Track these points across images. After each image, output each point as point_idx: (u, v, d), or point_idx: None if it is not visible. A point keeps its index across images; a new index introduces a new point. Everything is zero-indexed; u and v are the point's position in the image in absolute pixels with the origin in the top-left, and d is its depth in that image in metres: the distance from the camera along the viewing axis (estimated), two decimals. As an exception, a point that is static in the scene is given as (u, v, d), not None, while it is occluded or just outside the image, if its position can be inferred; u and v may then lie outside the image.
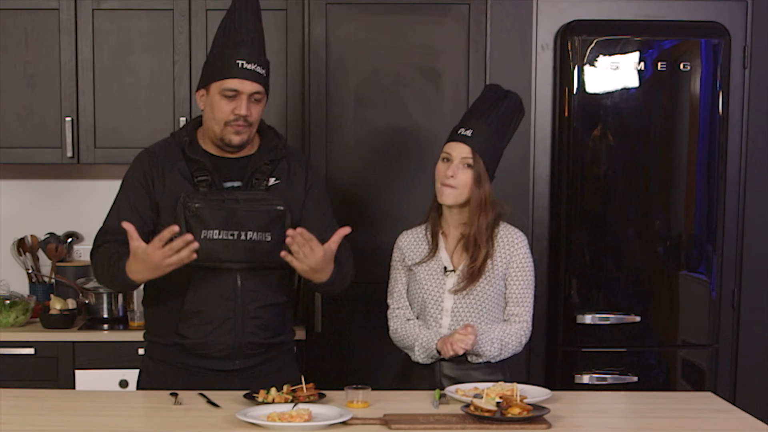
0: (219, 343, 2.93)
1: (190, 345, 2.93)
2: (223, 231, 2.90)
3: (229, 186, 2.95)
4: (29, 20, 4.04)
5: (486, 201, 2.96)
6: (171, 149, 3.00)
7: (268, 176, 2.99)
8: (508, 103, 3.01)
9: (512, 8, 3.95)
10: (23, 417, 2.60)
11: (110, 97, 4.08)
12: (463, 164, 2.95)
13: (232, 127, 2.92)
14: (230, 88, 2.89)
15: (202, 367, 2.95)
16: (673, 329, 4.06)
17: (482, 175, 2.94)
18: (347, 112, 3.87)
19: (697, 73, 3.97)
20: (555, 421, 2.55)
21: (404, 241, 3.11)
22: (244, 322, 2.94)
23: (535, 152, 4.08)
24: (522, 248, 3.02)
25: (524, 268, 3.02)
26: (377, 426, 2.50)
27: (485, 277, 2.96)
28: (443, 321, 2.98)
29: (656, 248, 4.02)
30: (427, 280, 3.01)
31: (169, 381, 2.92)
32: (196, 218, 2.87)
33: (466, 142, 2.95)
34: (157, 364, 3.00)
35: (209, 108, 2.94)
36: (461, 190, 2.95)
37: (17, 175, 4.41)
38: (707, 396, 2.99)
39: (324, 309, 3.86)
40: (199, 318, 2.92)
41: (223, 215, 2.90)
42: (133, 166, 3.02)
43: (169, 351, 2.97)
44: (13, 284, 4.26)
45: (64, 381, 3.85)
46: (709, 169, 4.02)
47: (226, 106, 2.90)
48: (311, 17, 3.82)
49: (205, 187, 2.92)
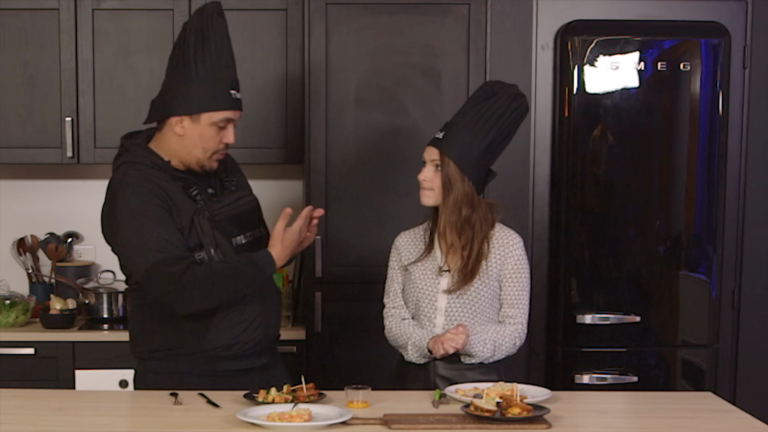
0: (251, 341, 2.95)
1: (223, 348, 2.91)
2: (245, 234, 2.96)
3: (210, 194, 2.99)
4: (29, 20, 4.04)
5: (457, 201, 2.95)
6: (152, 174, 2.89)
7: (227, 176, 3.04)
8: (493, 102, 2.98)
9: (512, 8, 3.95)
10: (23, 417, 2.60)
11: (110, 97, 4.08)
12: (432, 166, 2.99)
13: (216, 156, 2.94)
14: (225, 119, 2.89)
15: (225, 370, 2.93)
16: (673, 329, 4.06)
17: (451, 176, 2.95)
18: (347, 112, 3.86)
19: (697, 73, 3.97)
20: (555, 421, 2.55)
21: (401, 240, 3.13)
22: (270, 316, 3.01)
23: (535, 152, 4.07)
24: (517, 250, 3.02)
25: (519, 269, 3.02)
26: (377, 426, 2.50)
27: (479, 278, 2.97)
28: (437, 321, 2.99)
29: (656, 248, 4.02)
30: (422, 280, 3.02)
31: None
32: (220, 229, 2.88)
33: (435, 145, 2.99)
34: (174, 377, 2.91)
35: (196, 137, 2.89)
36: (437, 191, 2.99)
37: (17, 175, 4.41)
38: (707, 396, 2.99)
39: (324, 309, 3.86)
40: (231, 320, 2.92)
41: (236, 220, 2.94)
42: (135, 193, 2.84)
43: (195, 360, 2.92)
44: (13, 284, 4.26)
45: (64, 381, 3.85)
46: (709, 169, 4.02)
47: (216, 136, 2.90)
48: (311, 17, 3.82)
49: (202, 200, 2.92)
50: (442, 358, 2.94)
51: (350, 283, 3.87)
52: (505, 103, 2.99)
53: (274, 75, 4.04)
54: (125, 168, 2.92)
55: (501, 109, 2.98)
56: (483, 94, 3.03)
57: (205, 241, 2.85)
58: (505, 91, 3.01)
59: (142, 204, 2.82)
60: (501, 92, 3.00)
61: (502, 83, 3.06)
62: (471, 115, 2.98)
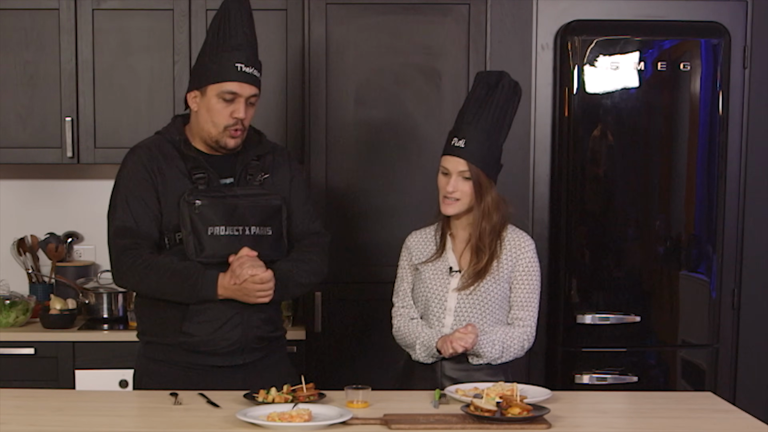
0: (226, 339, 2.93)
1: (197, 342, 2.93)
2: (229, 227, 2.92)
3: (223, 182, 2.97)
4: (29, 20, 4.04)
5: (489, 207, 2.95)
6: (164, 147, 2.99)
7: (259, 171, 3.01)
8: (500, 93, 2.97)
9: (512, 8, 3.95)
10: (23, 417, 2.60)
11: (110, 97, 4.08)
12: (461, 177, 2.95)
13: (230, 131, 2.93)
14: (229, 91, 2.90)
15: (207, 365, 2.94)
16: (673, 329, 4.06)
17: (482, 184, 2.94)
18: (347, 112, 3.87)
19: (697, 73, 3.97)
20: (555, 421, 2.55)
21: (412, 240, 3.11)
22: (250, 317, 2.95)
23: (535, 152, 4.08)
24: (529, 252, 3.02)
25: (530, 272, 3.01)
26: (377, 426, 2.50)
27: (490, 278, 2.96)
28: (446, 320, 2.98)
29: (656, 248, 4.02)
30: (432, 280, 3.01)
31: (170, 380, 2.92)
32: (200, 216, 2.88)
33: (460, 155, 2.94)
34: (157, 365, 2.99)
35: (205, 110, 2.93)
36: (464, 200, 2.96)
37: (17, 175, 4.41)
38: (707, 396, 2.99)
39: (324, 309, 3.86)
40: (207, 315, 2.92)
41: (226, 211, 2.91)
42: (132, 160, 2.98)
43: (171, 350, 2.96)
44: (13, 284, 4.26)
45: (64, 381, 3.85)
46: (709, 169, 4.02)
47: (224, 110, 2.91)
48: (311, 17, 3.82)
49: (203, 185, 2.93)
50: (450, 359, 2.93)
51: (350, 283, 3.86)
52: (507, 94, 2.98)
53: (274, 75, 4.04)
54: (148, 138, 3.06)
55: (506, 103, 2.98)
56: (485, 86, 3.00)
57: (182, 223, 2.88)
58: (504, 81, 2.99)
59: (128, 174, 2.96)
60: (501, 82, 2.99)
61: (493, 73, 3.05)
62: (483, 116, 2.96)
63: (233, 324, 2.93)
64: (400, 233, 3.17)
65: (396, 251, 3.09)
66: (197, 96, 2.95)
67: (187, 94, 2.99)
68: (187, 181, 2.93)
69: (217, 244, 2.90)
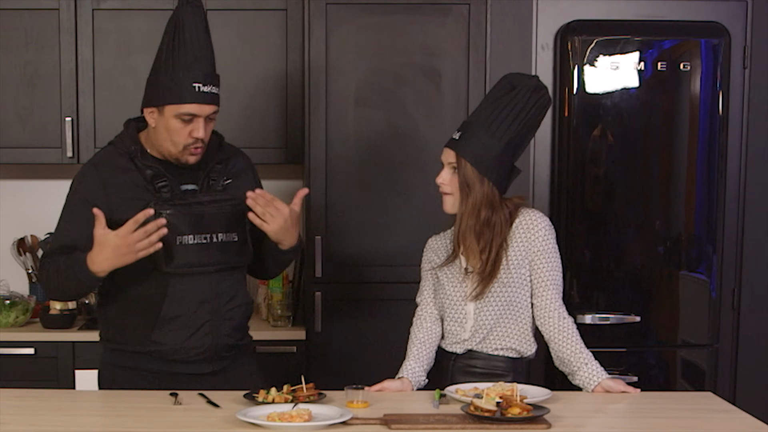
0: (197, 347, 2.92)
1: (167, 351, 2.91)
2: (197, 235, 2.89)
3: (185, 189, 2.92)
4: (29, 20, 4.04)
5: (476, 204, 2.88)
6: (116, 160, 2.92)
7: (222, 176, 2.98)
8: (513, 97, 2.88)
9: (512, 8, 3.95)
10: (23, 417, 2.60)
11: (110, 97, 4.08)
12: (450, 169, 2.91)
13: (190, 150, 2.88)
14: (188, 113, 2.83)
15: (175, 372, 2.92)
16: (673, 329, 4.06)
17: (468, 177, 2.87)
18: (347, 112, 3.87)
19: (697, 73, 3.97)
20: (555, 421, 2.55)
21: (430, 244, 3.08)
22: (220, 324, 2.94)
23: (535, 152, 4.08)
24: (542, 231, 2.93)
25: (547, 251, 2.94)
26: (377, 426, 2.50)
27: (501, 278, 2.91)
28: (467, 325, 2.97)
29: (656, 248, 4.02)
30: (449, 285, 2.98)
31: (137, 387, 2.89)
32: (169, 225, 2.80)
33: (451, 147, 2.91)
34: (125, 371, 2.96)
35: (163, 129, 2.86)
36: (455, 195, 2.91)
37: (17, 175, 4.41)
38: (707, 396, 2.99)
39: (324, 309, 3.86)
40: (177, 323, 2.90)
41: (193, 219, 2.88)
42: (76, 186, 2.93)
43: (139, 358, 2.94)
44: (13, 284, 4.26)
45: (64, 381, 3.86)
46: (709, 169, 4.02)
47: (183, 129, 2.84)
48: (311, 17, 3.82)
49: (167, 193, 2.88)
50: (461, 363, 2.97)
51: (350, 283, 3.86)
52: (525, 96, 2.88)
53: (274, 75, 4.04)
54: (101, 152, 3.02)
55: (521, 104, 2.87)
56: (502, 89, 2.92)
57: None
58: (524, 84, 2.90)
59: (72, 190, 2.95)
60: (520, 86, 2.89)
61: (521, 75, 2.95)
62: (488, 113, 2.88)
63: (203, 333, 2.92)
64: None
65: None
66: (154, 112, 2.88)
67: (144, 108, 2.92)
68: (146, 191, 2.87)
69: (186, 253, 2.87)
